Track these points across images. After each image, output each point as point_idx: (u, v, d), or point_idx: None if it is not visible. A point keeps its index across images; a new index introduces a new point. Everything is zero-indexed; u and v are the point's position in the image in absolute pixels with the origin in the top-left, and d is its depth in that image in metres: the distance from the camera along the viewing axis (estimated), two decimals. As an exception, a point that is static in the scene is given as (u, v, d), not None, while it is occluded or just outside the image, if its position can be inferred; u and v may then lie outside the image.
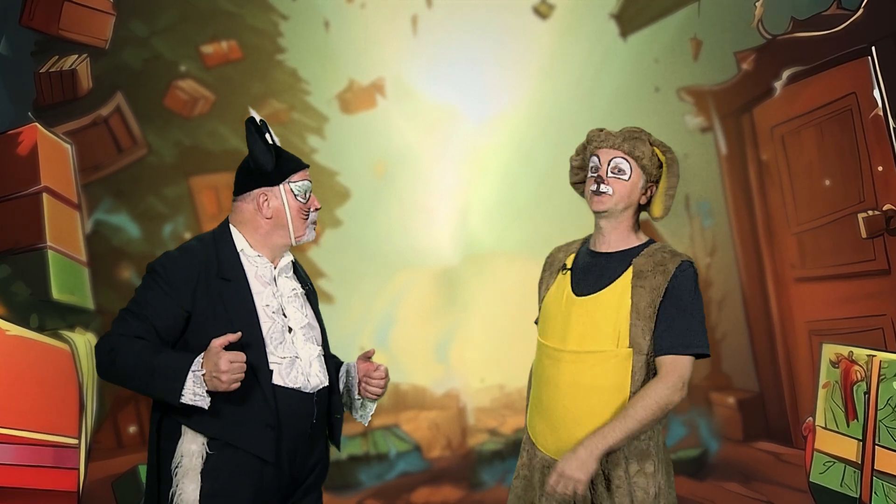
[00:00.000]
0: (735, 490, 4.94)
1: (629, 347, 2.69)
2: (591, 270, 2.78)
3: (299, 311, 2.77)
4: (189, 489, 2.61)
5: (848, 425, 4.52)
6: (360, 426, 4.97)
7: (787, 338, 5.00)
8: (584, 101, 5.08)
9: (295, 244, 2.80)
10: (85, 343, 4.83)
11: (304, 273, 2.95)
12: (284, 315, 2.73)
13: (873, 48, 4.70)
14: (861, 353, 4.53)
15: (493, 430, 5.00)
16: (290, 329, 2.73)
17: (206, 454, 2.62)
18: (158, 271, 2.67)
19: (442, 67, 5.14)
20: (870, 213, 4.68)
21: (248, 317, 2.65)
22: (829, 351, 4.68)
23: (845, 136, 4.77)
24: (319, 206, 2.82)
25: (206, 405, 2.52)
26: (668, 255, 2.75)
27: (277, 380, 2.66)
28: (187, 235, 4.98)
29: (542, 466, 2.79)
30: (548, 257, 2.98)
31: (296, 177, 2.76)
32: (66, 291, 4.84)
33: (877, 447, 4.41)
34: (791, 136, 4.96)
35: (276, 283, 2.76)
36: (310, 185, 2.79)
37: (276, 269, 2.77)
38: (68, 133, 4.97)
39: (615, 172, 2.74)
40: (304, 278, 2.91)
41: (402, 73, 5.17)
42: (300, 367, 2.71)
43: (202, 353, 2.54)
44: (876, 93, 4.68)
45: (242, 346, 2.57)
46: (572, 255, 2.88)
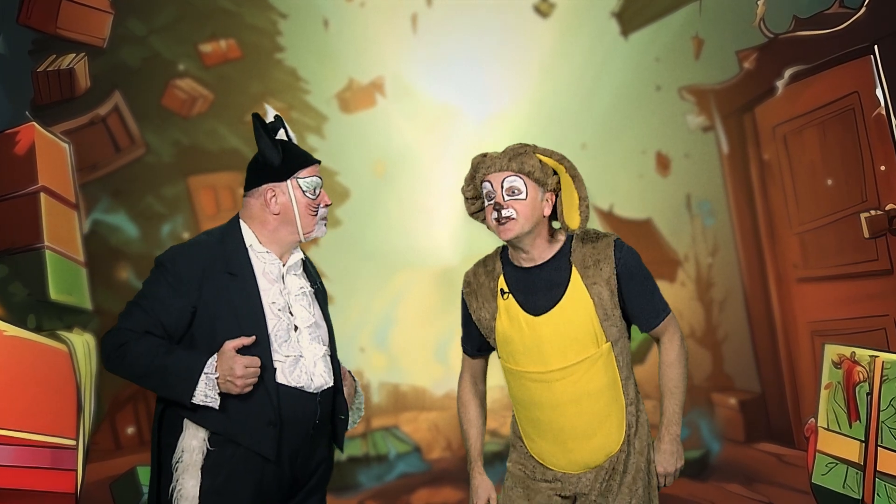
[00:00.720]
0: (737, 491, 4.93)
1: (607, 342, 2.73)
2: (534, 286, 2.75)
3: (306, 309, 2.75)
4: (189, 485, 2.60)
5: (850, 426, 4.51)
6: (359, 427, 4.97)
7: (789, 338, 5.01)
8: (584, 100, 5.09)
9: (304, 240, 2.78)
10: (83, 344, 4.81)
11: (315, 271, 2.93)
12: (291, 313, 2.72)
13: (876, 47, 4.69)
14: (863, 354, 4.51)
15: (494, 431, 4.98)
16: (296, 328, 2.71)
17: (206, 450, 2.62)
18: (166, 265, 2.66)
19: (442, 66, 5.14)
20: (872, 212, 4.67)
21: (253, 314, 2.64)
22: (832, 351, 4.65)
23: (848, 135, 4.76)
24: (330, 203, 2.79)
25: (216, 406, 2.55)
26: (596, 241, 2.76)
27: (281, 378, 2.65)
28: (186, 235, 4.98)
29: (555, 480, 2.84)
30: (467, 287, 2.90)
31: (304, 172, 2.73)
32: (63, 292, 4.83)
33: (879, 448, 4.38)
34: (793, 135, 4.95)
35: (283, 281, 2.74)
36: (320, 182, 2.76)
37: (284, 266, 2.76)
38: (66, 132, 4.95)
39: (511, 194, 2.71)
40: (315, 277, 2.89)
41: (402, 71, 5.17)
42: (304, 366, 2.70)
43: (215, 355, 2.55)
44: (878, 92, 4.67)
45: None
46: (500, 277, 2.83)
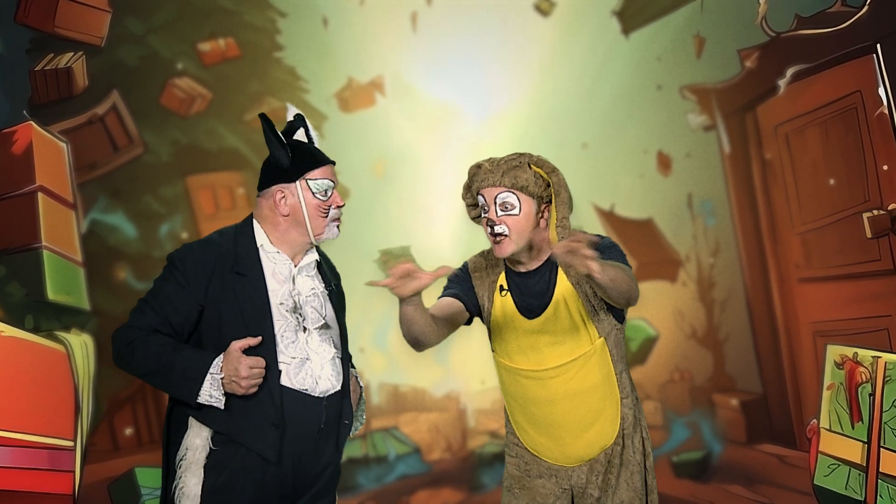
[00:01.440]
0: (738, 493, 4.92)
1: (601, 337, 2.74)
2: (528, 290, 2.78)
3: (317, 310, 2.74)
4: (191, 483, 2.61)
5: (853, 427, 4.51)
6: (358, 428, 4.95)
7: (791, 339, 4.99)
8: (585, 100, 5.08)
9: (316, 242, 2.76)
10: (80, 344, 4.81)
11: (332, 273, 2.90)
12: (301, 315, 2.70)
13: (878, 45, 4.69)
14: (866, 355, 4.51)
15: (494, 432, 4.97)
16: (305, 329, 2.70)
17: (209, 449, 2.62)
18: (176, 263, 2.67)
19: (442, 65, 5.13)
20: (875, 212, 4.66)
21: (260, 314, 2.64)
22: (834, 352, 4.66)
23: (850, 134, 4.75)
24: (342, 204, 2.76)
25: (220, 406, 2.57)
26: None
27: (285, 380, 2.64)
28: (184, 235, 4.96)
29: (550, 474, 2.82)
30: (476, 265, 2.90)
31: (315, 173, 2.71)
32: (61, 292, 4.82)
33: (882, 449, 4.39)
34: (795, 134, 4.94)
35: (293, 282, 2.72)
36: (331, 184, 2.74)
37: (296, 266, 2.74)
38: (64, 132, 4.94)
39: (504, 209, 2.70)
40: (330, 278, 2.86)
41: (402, 70, 5.15)
42: (310, 368, 2.68)
43: (221, 356, 2.57)
44: (881, 91, 4.67)
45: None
46: (502, 273, 2.84)
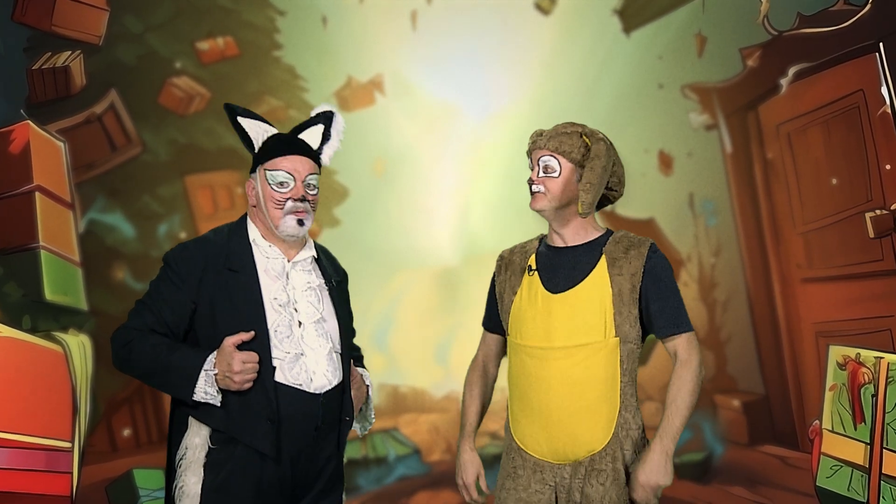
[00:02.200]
0: (740, 494, 4.91)
1: (616, 337, 2.73)
2: (560, 266, 2.81)
3: (313, 305, 2.74)
4: (191, 482, 2.63)
5: (855, 428, 4.50)
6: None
7: (793, 339, 4.99)
8: (586, 98, 5.09)
9: (279, 236, 2.74)
10: (78, 345, 4.80)
11: (332, 268, 2.89)
12: (296, 309, 2.70)
13: (881, 44, 4.67)
14: (868, 355, 4.51)
15: (495, 433, 4.95)
16: (300, 323, 2.70)
17: (208, 447, 2.64)
18: (170, 263, 2.70)
19: (442, 64, 5.13)
20: (877, 212, 4.65)
21: (253, 309, 2.64)
22: (836, 353, 4.65)
23: (852, 133, 4.74)
24: (300, 196, 2.70)
25: (217, 403, 2.58)
26: (635, 239, 2.82)
27: (279, 375, 2.64)
28: (182, 235, 4.96)
29: (535, 472, 2.80)
30: (500, 260, 3.00)
31: (270, 164, 2.72)
32: (59, 292, 4.81)
33: (885, 451, 4.37)
34: (797, 133, 4.94)
35: (287, 277, 2.72)
36: (288, 177, 2.71)
37: (290, 262, 2.74)
38: (61, 131, 4.93)
39: (545, 171, 2.79)
40: (330, 273, 2.86)
41: (402, 69, 5.15)
42: (304, 363, 2.68)
43: (215, 352, 2.58)
44: (884, 90, 4.66)
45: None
46: (532, 255, 2.89)
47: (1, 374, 4.51)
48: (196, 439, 2.65)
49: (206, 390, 2.56)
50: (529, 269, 2.86)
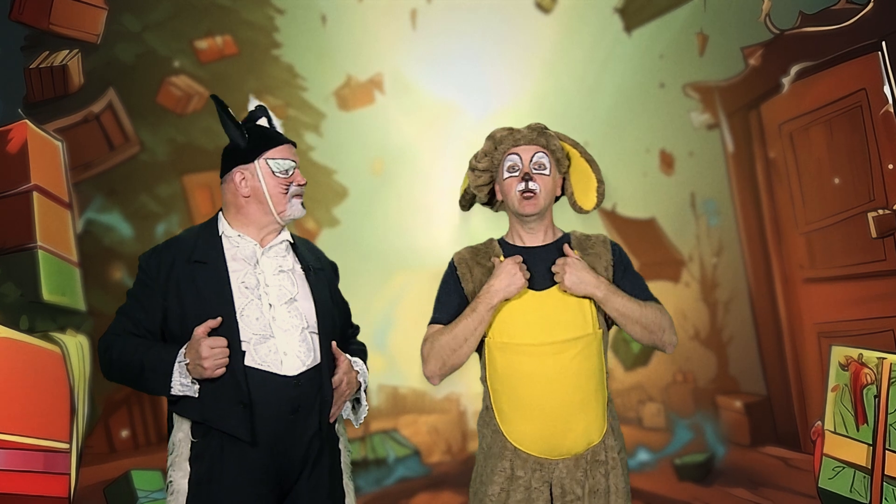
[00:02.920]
0: (742, 496, 4.90)
1: (600, 328, 2.77)
2: (536, 265, 2.80)
3: (285, 287, 2.74)
4: (178, 477, 2.65)
5: (858, 429, 4.49)
6: (357, 430, 4.91)
7: (795, 340, 4.99)
8: (587, 97, 5.09)
9: (282, 221, 2.78)
10: (76, 345, 4.79)
11: (311, 255, 2.88)
12: (265, 292, 2.70)
13: (883, 43, 4.66)
14: (871, 356, 4.50)
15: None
16: (271, 305, 2.70)
17: (191, 441, 2.66)
18: (141, 265, 2.75)
19: (442, 62, 5.13)
20: (880, 212, 4.64)
21: (219, 295, 2.66)
22: (839, 353, 4.64)
23: (855, 133, 4.74)
24: (304, 182, 2.80)
25: (195, 394, 2.60)
26: (592, 236, 2.89)
27: (249, 360, 2.64)
28: (181, 235, 4.94)
29: (535, 470, 2.77)
30: (462, 260, 2.95)
31: (273, 153, 2.76)
32: (56, 292, 4.80)
33: (887, 452, 4.36)
34: (799, 133, 4.92)
35: (257, 262, 2.74)
36: (293, 164, 2.78)
37: (263, 247, 2.76)
38: (59, 130, 4.92)
39: (538, 168, 2.77)
40: (309, 259, 2.85)
41: (401, 68, 5.15)
42: (274, 345, 2.67)
43: (186, 344, 2.60)
44: (886, 89, 4.65)
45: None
46: (499, 256, 2.87)
47: (-2, 374, 4.51)
48: (179, 434, 2.67)
49: (181, 382, 2.58)
50: None
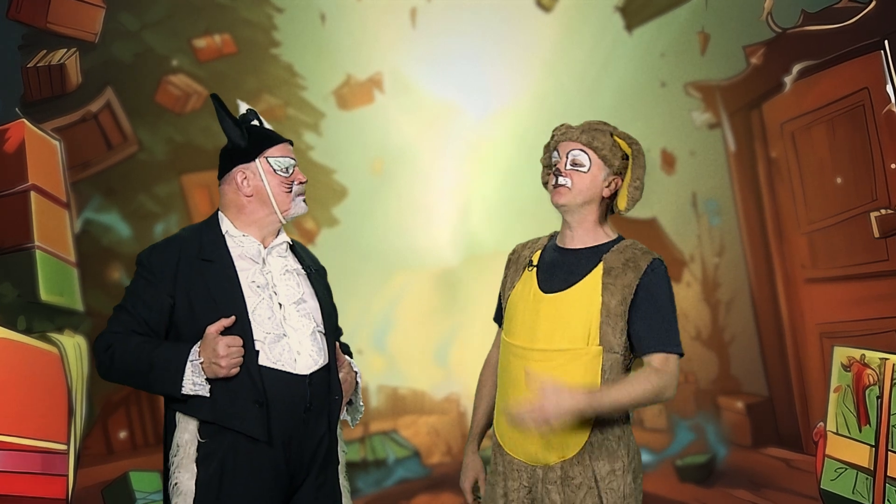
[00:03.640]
0: (744, 497, 4.90)
1: (599, 345, 2.65)
2: (559, 267, 2.76)
3: (292, 287, 2.74)
4: (184, 478, 2.62)
5: (860, 430, 4.48)
6: (357, 431, 4.91)
7: (797, 340, 4.98)
8: (588, 96, 5.08)
9: (285, 220, 2.79)
10: (74, 346, 4.79)
11: (306, 256, 2.90)
12: (275, 291, 2.71)
13: (886, 42, 4.64)
14: (874, 357, 4.48)
15: (491, 435, 4.94)
16: (281, 305, 2.70)
17: (198, 441, 2.63)
18: (143, 262, 2.71)
19: (442, 61, 5.11)
20: (883, 211, 4.64)
21: (231, 294, 2.64)
22: (841, 354, 4.63)
23: (857, 132, 4.72)
24: (305, 180, 2.81)
25: (206, 393, 2.57)
26: (639, 252, 2.73)
27: (263, 359, 2.63)
28: (179, 235, 4.93)
29: (512, 471, 2.76)
30: (511, 254, 2.95)
31: (274, 151, 2.76)
32: (54, 293, 4.80)
33: (890, 453, 4.35)
34: (801, 132, 4.92)
35: (264, 262, 2.74)
36: (293, 162, 2.78)
37: (266, 248, 2.75)
38: (57, 129, 4.91)
39: (573, 165, 2.74)
40: (306, 261, 2.86)
41: (401, 67, 5.14)
42: (287, 344, 2.67)
43: (198, 343, 2.56)
44: (889, 88, 4.64)
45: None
46: (538, 251, 2.85)
47: (-4, 375, 4.50)
48: (185, 435, 2.64)
49: (194, 381, 2.55)
50: (530, 263, 2.82)
